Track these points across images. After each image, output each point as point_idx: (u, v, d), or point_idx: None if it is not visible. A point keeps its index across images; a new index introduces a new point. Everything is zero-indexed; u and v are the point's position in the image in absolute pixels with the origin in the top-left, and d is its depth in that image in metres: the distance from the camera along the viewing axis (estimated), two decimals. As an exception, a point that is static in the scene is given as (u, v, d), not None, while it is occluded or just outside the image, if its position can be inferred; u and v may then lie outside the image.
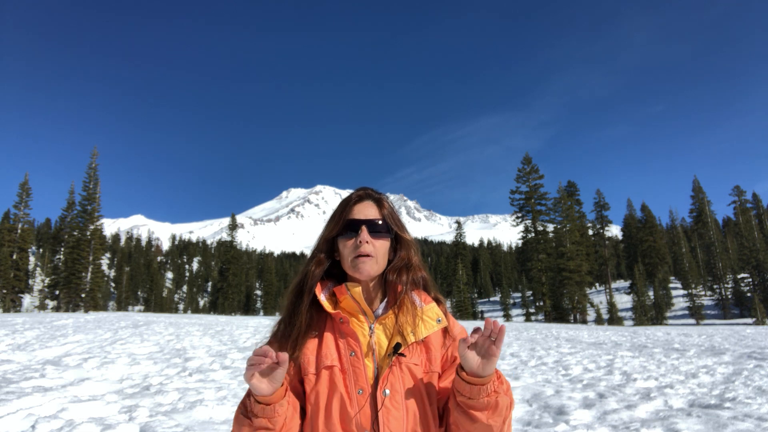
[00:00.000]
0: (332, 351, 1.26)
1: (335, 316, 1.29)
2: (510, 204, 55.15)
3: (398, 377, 1.22)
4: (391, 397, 1.20)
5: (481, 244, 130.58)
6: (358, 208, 1.33)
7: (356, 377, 1.22)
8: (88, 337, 12.09)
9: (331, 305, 1.32)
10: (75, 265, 44.91)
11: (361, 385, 1.21)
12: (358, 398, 1.20)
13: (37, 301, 68.37)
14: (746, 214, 59.70)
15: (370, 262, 1.28)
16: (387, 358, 1.24)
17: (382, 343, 1.27)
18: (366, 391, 1.20)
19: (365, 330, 1.29)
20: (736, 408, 5.71)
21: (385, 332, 1.29)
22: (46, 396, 5.60)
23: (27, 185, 50.21)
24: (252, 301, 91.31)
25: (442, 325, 1.31)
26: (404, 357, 1.24)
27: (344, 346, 1.26)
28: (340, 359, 1.25)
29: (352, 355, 1.24)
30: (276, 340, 1.33)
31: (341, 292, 1.31)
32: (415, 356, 1.26)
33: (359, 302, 1.30)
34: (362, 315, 1.31)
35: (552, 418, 5.42)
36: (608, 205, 66.16)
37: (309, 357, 1.27)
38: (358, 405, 1.19)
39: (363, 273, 1.28)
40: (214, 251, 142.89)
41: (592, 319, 52.41)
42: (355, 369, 1.23)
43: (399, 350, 1.23)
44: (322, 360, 1.25)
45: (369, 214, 1.32)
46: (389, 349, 1.25)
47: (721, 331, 21.45)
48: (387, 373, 1.22)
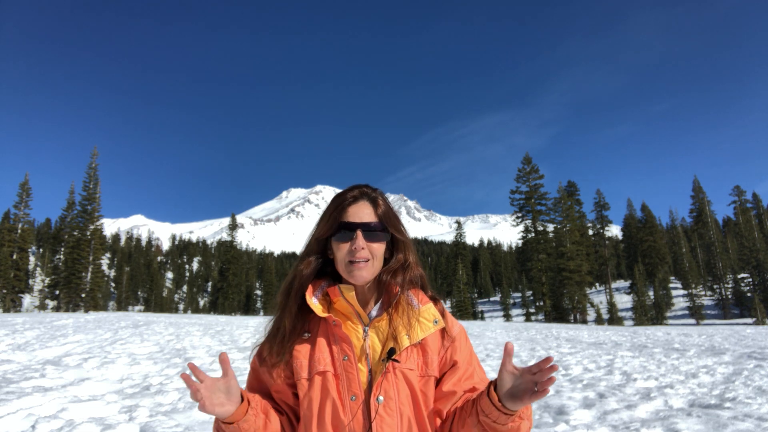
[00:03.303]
0: (326, 355, 1.23)
1: (327, 319, 1.26)
2: (510, 204, 55.17)
3: (392, 383, 1.19)
4: (385, 404, 1.17)
5: (481, 244, 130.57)
6: (353, 209, 1.27)
7: (349, 383, 1.19)
8: (88, 337, 12.09)
9: (324, 306, 1.29)
10: (75, 265, 44.89)
11: (354, 391, 1.18)
12: (351, 405, 1.17)
13: (37, 301, 68.40)
14: (746, 214, 59.64)
15: (366, 267, 1.24)
16: (381, 363, 1.20)
17: (376, 346, 1.24)
18: (359, 397, 1.18)
19: (359, 333, 1.26)
20: (736, 408, 5.70)
21: (379, 335, 1.26)
22: (46, 396, 5.59)
23: (27, 185, 50.16)
24: (252, 301, 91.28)
25: (439, 326, 1.28)
26: (398, 363, 1.21)
27: (337, 350, 1.22)
28: (334, 364, 1.21)
29: (345, 359, 1.21)
30: (267, 342, 1.31)
31: (334, 294, 1.28)
32: (411, 360, 1.23)
33: (353, 305, 1.27)
34: (356, 318, 1.28)
35: (552, 418, 5.42)
36: (608, 205, 66.17)
37: (302, 361, 1.24)
38: (351, 412, 1.17)
39: (358, 279, 1.24)
40: (214, 251, 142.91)
41: (592, 319, 52.41)
42: (348, 374, 1.19)
43: (393, 355, 1.20)
44: (315, 365, 1.22)
45: (364, 216, 1.27)
46: (383, 354, 1.21)
47: (721, 331, 21.45)
48: (381, 380, 1.18)
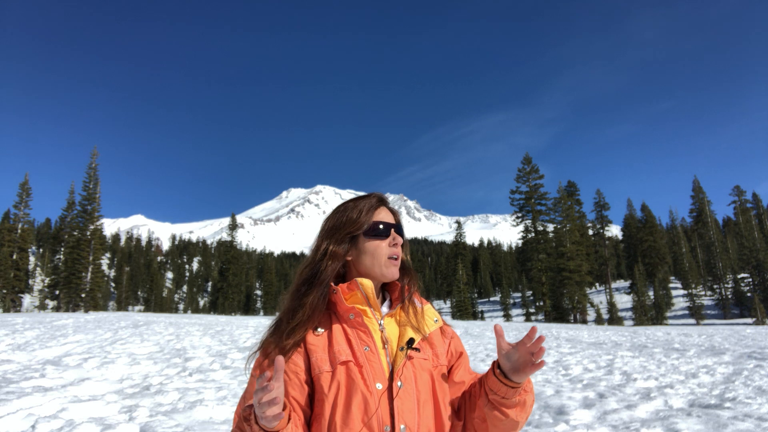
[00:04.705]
0: (344, 347, 1.26)
1: (349, 311, 1.30)
2: (510, 204, 55.17)
3: (410, 371, 1.26)
4: (404, 389, 1.23)
5: (481, 244, 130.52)
6: (383, 212, 1.41)
7: (374, 371, 1.23)
8: (88, 337, 12.09)
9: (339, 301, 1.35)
10: (75, 265, 44.91)
11: (379, 380, 1.23)
12: (377, 392, 1.21)
13: (37, 301, 68.47)
14: (746, 214, 59.64)
15: (398, 264, 1.37)
16: (400, 352, 1.27)
17: (392, 338, 1.31)
18: (384, 385, 1.23)
19: (375, 326, 1.31)
20: (736, 408, 5.71)
21: (394, 327, 1.34)
22: (46, 396, 5.60)
23: (27, 185, 50.18)
24: (252, 301, 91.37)
25: (438, 324, 1.39)
26: (418, 351, 1.29)
27: (357, 342, 1.27)
28: (354, 354, 1.25)
29: (366, 350, 1.25)
30: (273, 340, 1.28)
31: (352, 288, 1.32)
32: (425, 351, 1.32)
33: (369, 298, 1.32)
34: (370, 311, 1.32)
35: (552, 418, 5.42)
36: (608, 205, 66.22)
37: (321, 355, 1.25)
38: (377, 399, 1.20)
39: (394, 274, 1.35)
40: (214, 251, 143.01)
41: (592, 319, 52.44)
42: (371, 363, 1.24)
43: (412, 345, 1.28)
44: (336, 356, 1.24)
45: (392, 219, 1.41)
46: (401, 344, 1.29)
47: (721, 331, 21.44)
48: (402, 367, 1.25)
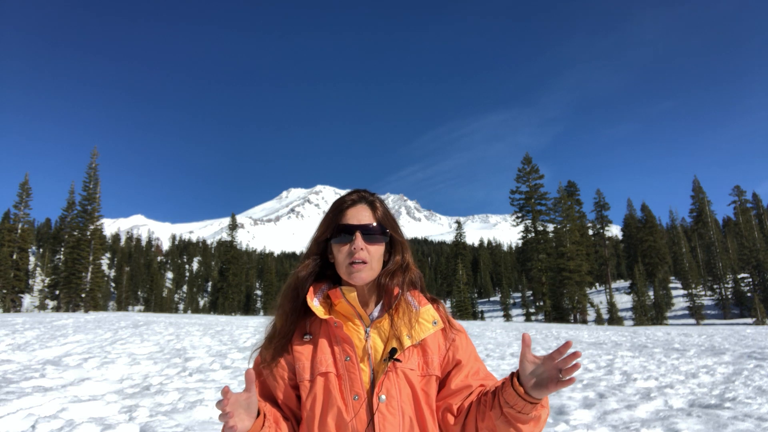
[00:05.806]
0: (327, 356, 1.25)
1: (329, 321, 1.27)
2: (510, 204, 55.15)
3: (394, 382, 1.21)
4: (387, 403, 1.19)
5: (481, 244, 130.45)
6: (352, 212, 1.31)
7: (351, 383, 1.21)
8: (88, 337, 12.09)
9: (325, 309, 1.31)
10: (75, 265, 44.88)
11: (356, 391, 1.20)
12: (354, 404, 1.19)
13: (37, 301, 68.43)
14: (746, 214, 59.64)
15: (365, 268, 1.27)
16: (383, 363, 1.22)
17: (377, 347, 1.26)
18: (362, 396, 1.20)
19: (361, 334, 1.28)
20: (736, 408, 5.71)
21: (380, 336, 1.28)
22: (46, 396, 5.59)
23: (27, 185, 50.13)
24: (252, 301, 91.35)
25: (437, 327, 1.31)
26: (400, 362, 1.23)
27: (339, 351, 1.24)
28: (336, 365, 1.24)
29: (347, 360, 1.23)
30: (267, 344, 1.33)
31: (336, 295, 1.30)
32: (412, 360, 1.26)
33: (354, 306, 1.29)
34: (358, 319, 1.30)
35: (552, 418, 5.41)
36: (608, 205, 66.19)
37: (304, 363, 1.26)
38: (353, 411, 1.18)
39: (358, 280, 1.27)
40: (214, 251, 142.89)
41: (592, 319, 52.42)
42: (350, 374, 1.22)
43: (394, 355, 1.22)
44: (317, 366, 1.24)
45: (363, 218, 1.30)
46: (385, 354, 1.24)
47: (721, 331, 21.45)
48: (383, 379, 1.21)
